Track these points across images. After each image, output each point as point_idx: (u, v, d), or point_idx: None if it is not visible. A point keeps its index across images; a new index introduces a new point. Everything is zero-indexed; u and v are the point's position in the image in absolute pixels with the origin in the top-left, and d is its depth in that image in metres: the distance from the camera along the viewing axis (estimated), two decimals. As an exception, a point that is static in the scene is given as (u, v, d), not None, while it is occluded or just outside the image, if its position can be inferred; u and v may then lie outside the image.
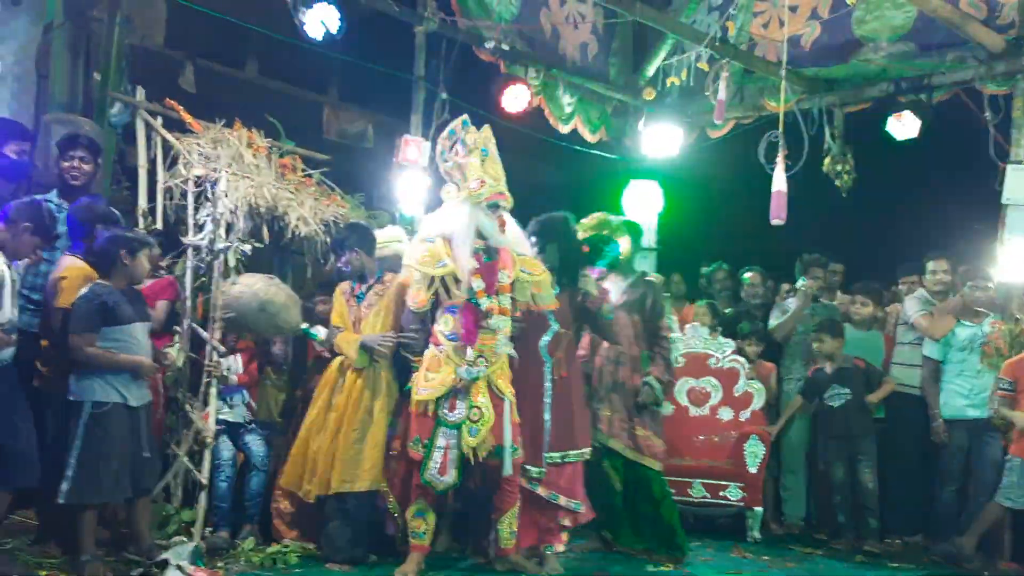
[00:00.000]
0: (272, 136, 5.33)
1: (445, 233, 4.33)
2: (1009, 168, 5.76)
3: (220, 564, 4.27)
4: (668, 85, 6.88)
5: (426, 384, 4.26)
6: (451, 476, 4.23)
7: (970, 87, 6.19)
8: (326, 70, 7.85)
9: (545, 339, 4.64)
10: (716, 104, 6.08)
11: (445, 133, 4.44)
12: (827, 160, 6.84)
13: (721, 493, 5.79)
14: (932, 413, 5.68)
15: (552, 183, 9.47)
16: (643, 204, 7.59)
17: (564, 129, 7.21)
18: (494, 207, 4.33)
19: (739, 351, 6.29)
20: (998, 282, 5.70)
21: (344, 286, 4.77)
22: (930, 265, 5.90)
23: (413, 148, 5.97)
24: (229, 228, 4.63)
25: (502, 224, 4.37)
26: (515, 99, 6.54)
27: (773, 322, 6.41)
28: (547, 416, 4.57)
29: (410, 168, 6.02)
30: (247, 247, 4.66)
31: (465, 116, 4.46)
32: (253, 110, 5.49)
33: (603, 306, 4.82)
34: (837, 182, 6.87)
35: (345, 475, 4.44)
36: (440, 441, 4.21)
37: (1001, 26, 6.06)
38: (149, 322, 4.18)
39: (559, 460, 4.59)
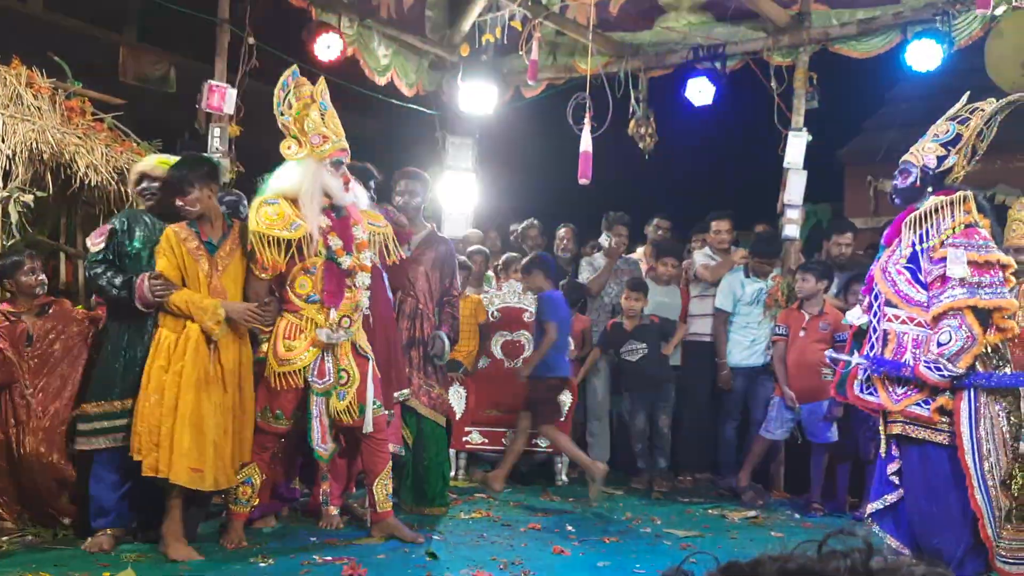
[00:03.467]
0: (58, 76, 4.93)
1: (288, 193, 4.08)
2: (790, 134, 6.28)
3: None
4: (483, 42, 6.94)
5: (288, 354, 4.08)
6: (331, 443, 4.19)
7: (759, 57, 6.65)
8: (123, 7, 7.31)
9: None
10: (529, 64, 6.20)
11: (279, 84, 4.22)
12: (632, 123, 7.16)
13: (533, 441, 6.04)
14: (720, 362, 6.17)
15: (369, 135, 9.31)
16: (459, 160, 7.66)
17: (380, 81, 7.11)
18: (337, 164, 4.18)
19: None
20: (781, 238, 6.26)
21: (181, 230, 4.05)
22: (714, 225, 6.36)
23: (217, 95, 5.70)
24: (7, 176, 4.26)
25: (346, 181, 4.22)
26: (328, 48, 6.37)
27: (585, 276, 6.69)
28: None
29: (215, 115, 5.75)
30: (29, 197, 4.31)
31: (295, 67, 4.27)
32: (37, 47, 5.05)
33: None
34: (640, 144, 7.23)
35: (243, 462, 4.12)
36: (314, 410, 4.13)
37: (786, 1, 6.55)
38: None
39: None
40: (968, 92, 4.14)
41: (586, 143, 5.33)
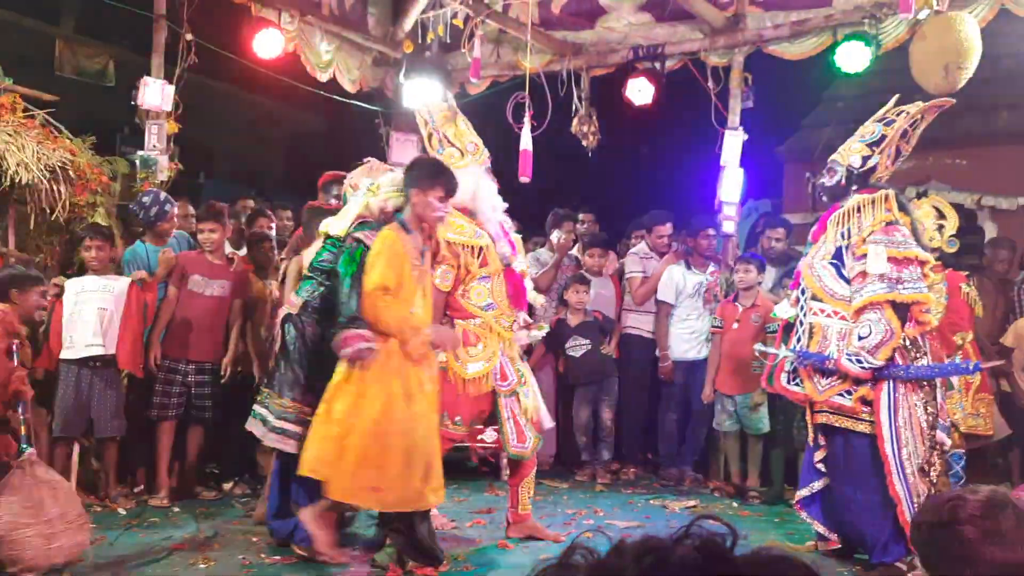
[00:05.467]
0: (-13, 72, 4.84)
1: (457, 202, 3.98)
2: (726, 133, 6.43)
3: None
4: (427, 39, 6.96)
5: (472, 359, 4.10)
6: (530, 440, 4.25)
7: (697, 58, 6.79)
8: (59, -1, 7.18)
9: None
10: (472, 61, 6.24)
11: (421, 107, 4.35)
12: (575, 121, 7.25)
13: (479, 437, 6.09)
14: (662, 354, 6.29)
15: (314, 131, 9.28)
16: (406, 156, 7.66)
17: (322, 78, 7.08)
18: (487, 171, 4.28)
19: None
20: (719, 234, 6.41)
21: (401, 234, 3.66)
22: (656, 228, 6.48)
23: (154, 91, 5.64)
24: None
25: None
26: (268, 44, 6.33)
27: (532, 272, 6.73)
28: None
29: (153, 112, 5.70)
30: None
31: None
32: (-35, 40, 4.94)
33: None
34: (584, 142, 7.32)
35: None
36: (505, 412, 4.18)
37: (723, 3, 6.70)
38: None
39: None
40: (898, 95, 4.31)
41: (526, 142, 5.40)
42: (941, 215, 4.82)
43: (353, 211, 3.95)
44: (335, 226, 3.97)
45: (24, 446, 3.66)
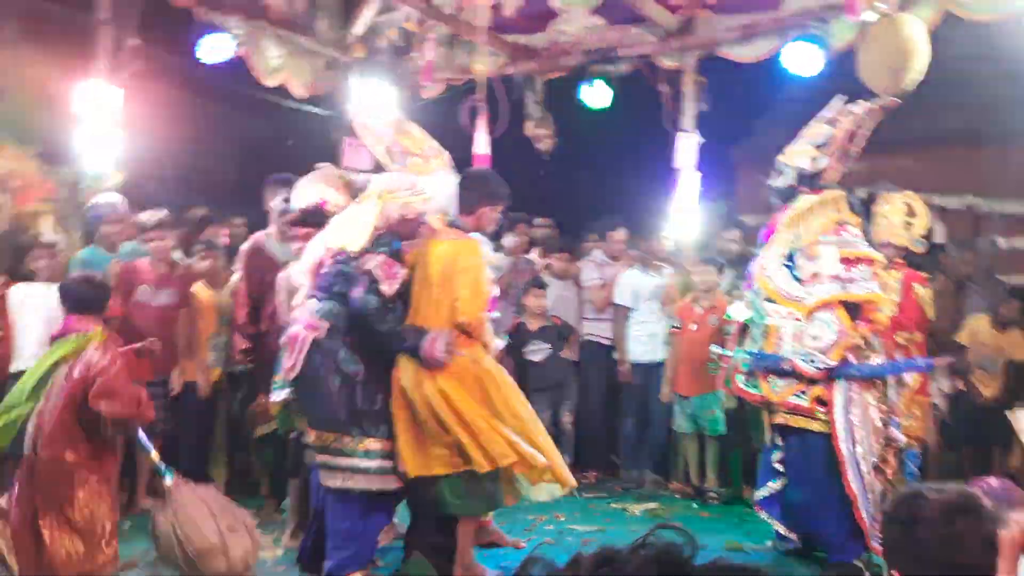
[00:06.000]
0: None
1: (441, 207, 4.01)
2: (680, 136, 6.45)
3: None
4: (379, 43, 6.88)
5: None
6: None
7: (650, 61, 6.80)
8: (-1, 3, 6.95)
9: None
10: (424, 65, 6.18)
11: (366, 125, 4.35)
12: (529, 124, 7.23)
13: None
14: (621, 358, 6.29)
15: (266, 137, 9.13)
16: (359, 162, 7.56)
17: (271, 83, 6.94)
18: None
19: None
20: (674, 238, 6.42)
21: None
22: (610, 235, 6.48)
23: (98, 98, 5.48)
24: None
25: None
26: (215, 49, 6.21)
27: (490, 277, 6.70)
28: None
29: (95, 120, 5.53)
30: None
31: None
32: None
33: None
34: (539, 146, 7.30)
35: None
36: None
37: (674, 6, 6.72)
38: None
39: None
40: (841, 96, 4.35)
41: (481, 146, 5.36)
42: (911, 212, 4.84)
43: (367, 222, 3.81)
44: (353, 242, 3.79)
45: (165, 470, 3.57)
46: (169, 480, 3.56)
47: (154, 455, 3.65)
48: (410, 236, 3.88)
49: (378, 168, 5.00)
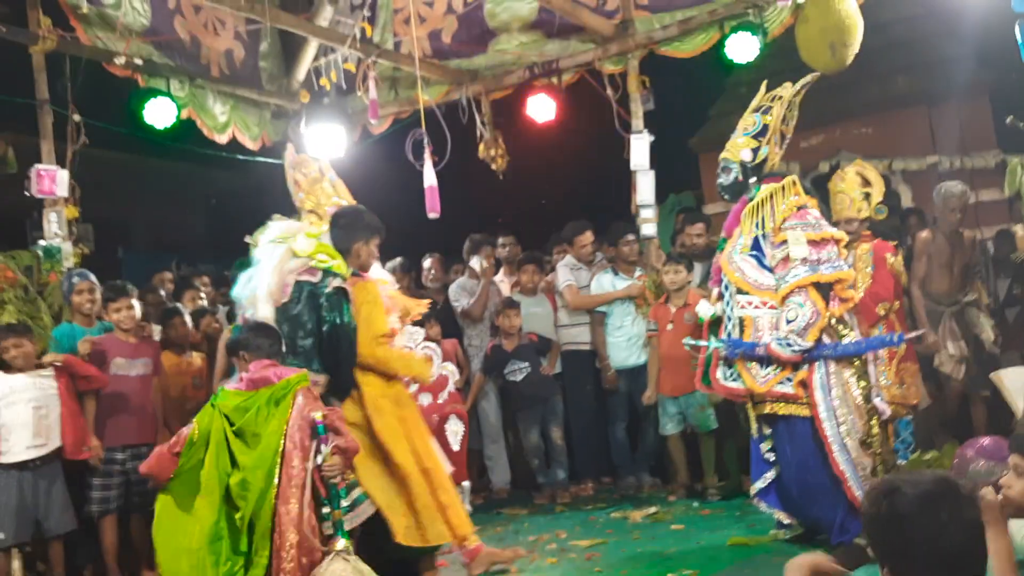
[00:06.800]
0: None
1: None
2: (632, 138, 6.48)
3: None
4: (322, 87, 6.89)
5: None
6: None
7: (592, 68, 6.84)
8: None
9: None
10: (369, 103, 6.19)
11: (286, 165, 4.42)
12: (481, 146, 7.24)
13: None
14: (603, 364, 6.27)
15: (229, 190, 9.10)
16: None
17: (221, 139, 6.96)
18: None
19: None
20: (640, 237, 6.44)
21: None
22: (577, 239, 6.47)
23: (48, 179, 5.46)
24: None
25: None
26: (160, 114, 6.19)
27: (463, 302, 6.63)
28: None
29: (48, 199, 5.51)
30: None
31: (290, 146, 4.58)
32: None
33: None
34: (493, 166, 7.31)
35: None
36: None
37: (609, 12, 6.77)
38: None
39: None
40: (765, 81, 4.38)
41: (430, 178, 5.37)
42: (866, 182, 4.86)
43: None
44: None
45: (341, 533, 3.46)
46: (341, 544, 3.44)
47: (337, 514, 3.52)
48: None
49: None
